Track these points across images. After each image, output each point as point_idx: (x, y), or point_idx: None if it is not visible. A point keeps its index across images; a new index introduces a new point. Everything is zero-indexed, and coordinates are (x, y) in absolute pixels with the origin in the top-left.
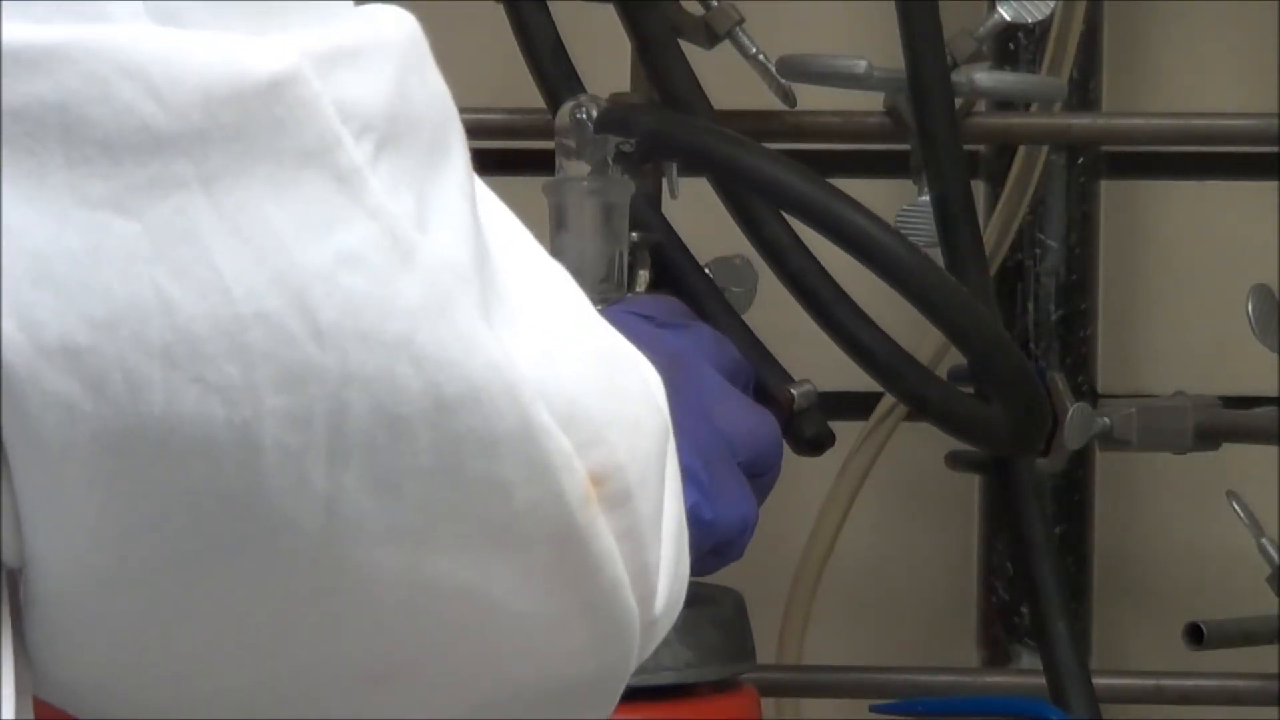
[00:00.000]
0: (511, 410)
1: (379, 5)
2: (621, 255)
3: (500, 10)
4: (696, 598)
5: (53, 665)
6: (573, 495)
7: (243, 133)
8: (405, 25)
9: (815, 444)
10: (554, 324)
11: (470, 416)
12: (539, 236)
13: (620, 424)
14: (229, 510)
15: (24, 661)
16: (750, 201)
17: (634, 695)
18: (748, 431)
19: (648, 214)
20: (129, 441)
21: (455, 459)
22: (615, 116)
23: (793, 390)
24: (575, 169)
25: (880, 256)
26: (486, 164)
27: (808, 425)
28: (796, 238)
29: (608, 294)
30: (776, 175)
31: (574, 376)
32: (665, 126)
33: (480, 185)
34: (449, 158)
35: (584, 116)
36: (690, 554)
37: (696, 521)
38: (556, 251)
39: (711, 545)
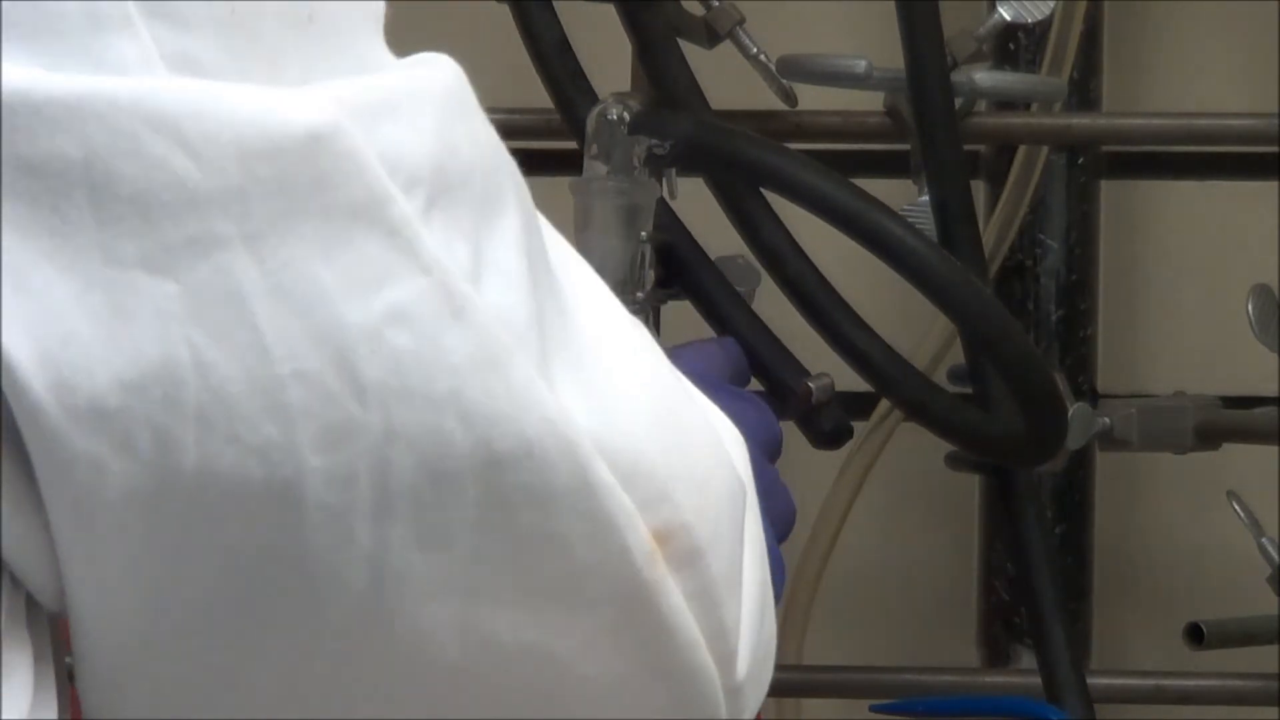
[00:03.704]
0: (567, 465)
1: (418, 55)
2: (642, 256)
3: (502, 10)
4: None
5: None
6: (638, 552)
7: (285, 188)
8: (443, 75)
9: (834, 437)
10: (622, 377)
11: (522, 472)
12: None
13: (687, 480)
14: (270, 568)
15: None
16: (748, 205)
17: None
18: (790, 511)
19: (660, 213)
20: (161, 499)
21: (507, 514)
22: (651, 119)
23: (810, 384)
24: (594, 169)
25: (916, 266)
26: None
27: (826, 419)
28: (794, 242)
29: (626, 294)
30: (814, 182)
31: (639, 432)
32: (701, 131)
33: (552, 232)
34: (503, 209)
35: (616, 117)
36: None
37: None
38: (580, 251)
39: None
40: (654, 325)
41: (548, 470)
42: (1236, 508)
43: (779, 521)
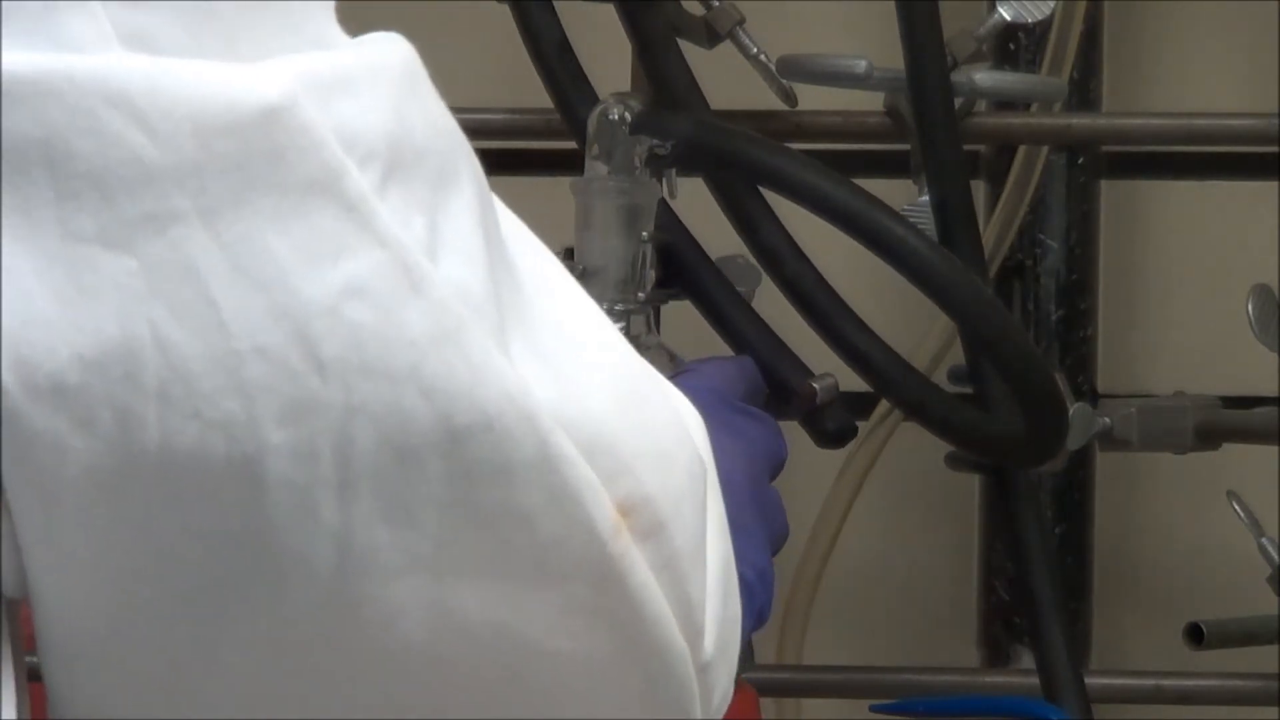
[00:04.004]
0: (528, 438)
1: (372, 34)
2: (643, 256)
3: (501, 10)
4: None
5: (69, 707)
6: (602, 525)
7: (241, 164)
8: (398, 52)
9: (838, 437)
10: (580, 353)
11: (484, 446)
12: (535, 233)
13: (649, 455)
14: (236, 548)
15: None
16: (747, 205)
17: None
18: (785, 531)
19: (660, 213)
20: (123, 478)
21: (470, 489)
22: (651, 119)
23: (814, 384)
24: (595, 169)
25: (916, 266)
26: (487, 164)
27: (830, 419)
28: (793, 242)
29: (627, 294)
30: (815, 182)
31: (599, 407)
32: (702, 131)
33: (503, 208)
34: (459, 185)
35: (617, 117)
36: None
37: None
38: (582, 251)
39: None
40: (654, 325)
41: (509, 444)
42: (1236, 508)
43: (774, 539)
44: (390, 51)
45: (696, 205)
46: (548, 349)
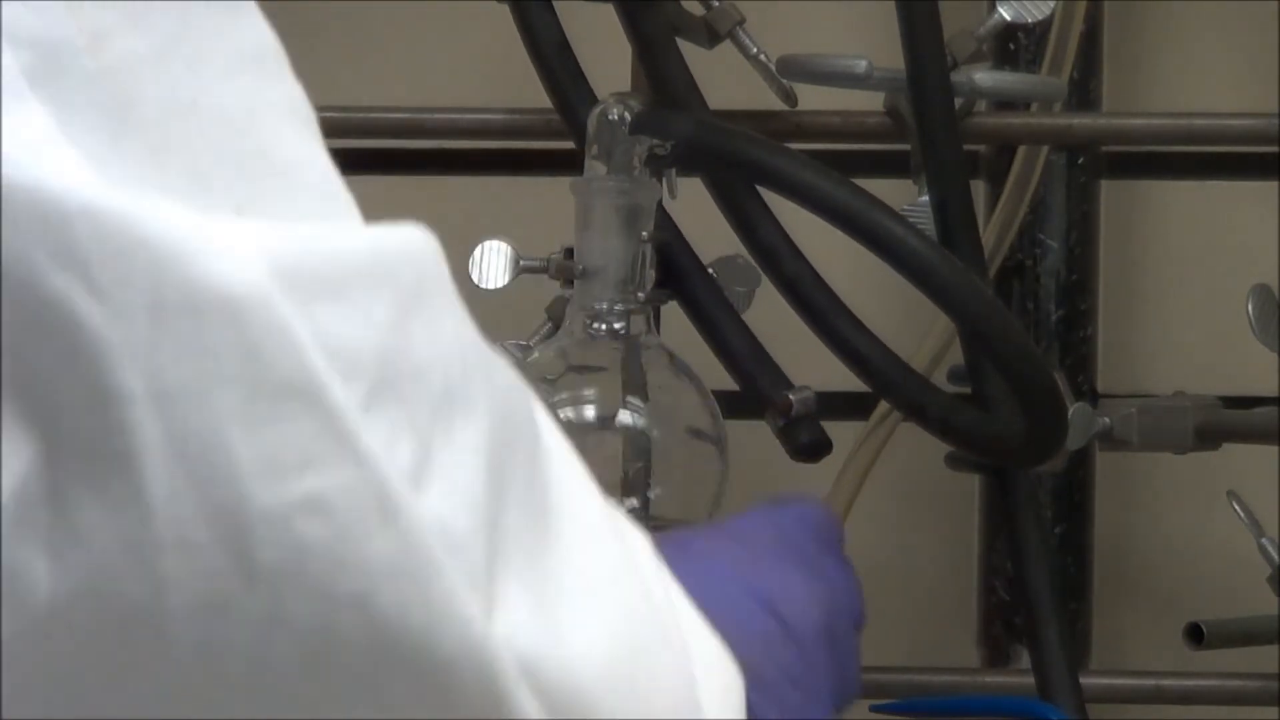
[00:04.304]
0: (479, 692)
1: (396, 227)
2: (644, 256)
3: (501, 10)
4: None
5: None
6: None
7: (206, 351)
8: (415, 255)
9: (812, 451)
10: (588, 605)
11: (420, 691)
12: (536, 234)
13: None
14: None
15: None
16: (745, 206)
17: None
18: (854, 687)
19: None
20: (17, 629)
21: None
22: (651, 119)
23: (791, 396)
24: (594, 169)
25: (916, 266)
26: (486, 164)
27: (804, 432)
28: (791, 242)
29: (627, 294)
30: (815, 182)
31: (587, 669)
32: (702, 131)
33: (561, 446)
34: (468, 412)
35: (617, 117)
36: None
37: None
38: (582, 251)
39: None
40: (654, 325)
41: (455, 694)
42: (1236, 508)
43: (841, 691)
44: (405, 252)
45: (695, 205)
46: (552, 596)
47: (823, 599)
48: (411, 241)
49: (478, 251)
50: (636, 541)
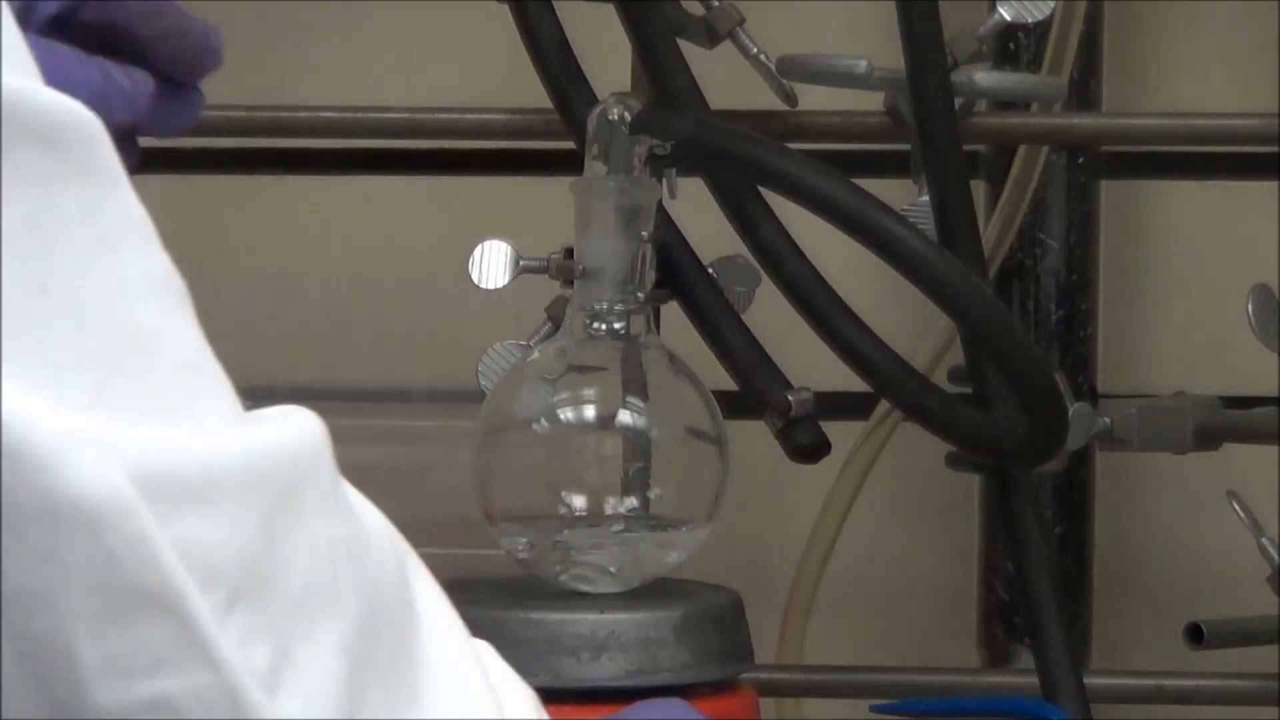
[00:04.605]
0: None
1: (278, 414)
2: (644, 256)
3: (501, 10)
4: (694, 597)
5: None
6: None
7: (60, 558)
8: (291, 452)
9: (810, 452)
10: None
11: None
12: (536, 234)
13: None
14: None
15: None
16: (746, 206)
17: (631, 696)
18: None
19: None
20: None
21: None
22: (651, 119)
23: (790, 398)
24: (594, 169)
25: (916, 266)
26: (486, 164)
27: (803, 434)
28: (792, 242)
29: (627, 294)
30: (815, 182)
31: None
32: (703, 131)
33: (431, 608)
34: (334, 609)
35: (617, 117)
36: None
37: None
38: (582, 251)
39: None
40: (654, 325)
41: None
42: (1236, 508)
43: None
44: (279, 454)
45: (695, 205)
46: None
47: None
48: (286, 441)
49: (478, 251)
50: (518, 705)
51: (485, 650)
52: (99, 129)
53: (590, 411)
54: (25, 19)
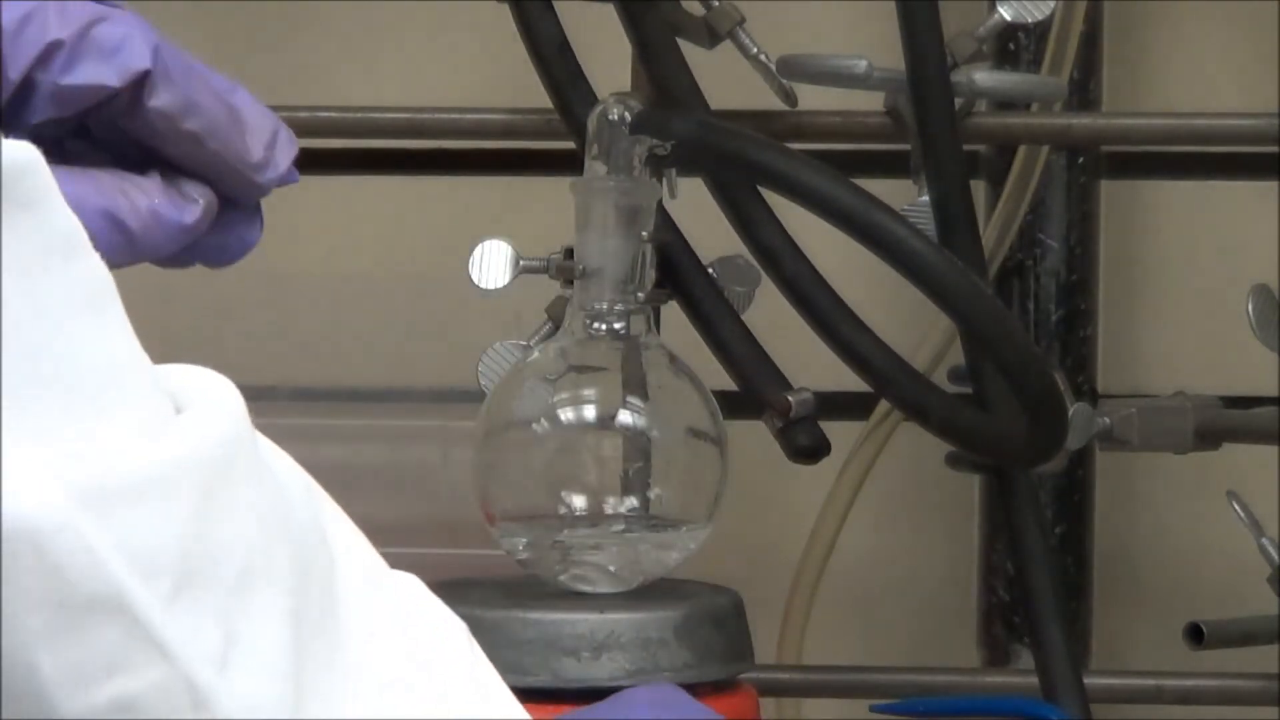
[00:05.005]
0: None
1: (201, 387)
2: (644, 256)
3: (501, 10)
4: (695, 597)
5: None
6: None
7: (13, 580)
8: (215, 433)
9: (810, 453)
10: (390, 702)
11: None
12: (536, 234)
13: None
14: None
15: None
16: (746, 206)
17: None
18: None
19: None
20: None
21: None
22: (652, 119)
23: (790, 398)
24: (594, 169)
25: (916, 266)
26: (486, 164)
27: (803, 434)
28: (792, 242)
29: (627, 294)
30: (815, 182)
31: None
32: (703, 131)
33: (342, 538)
34: (271, 581)
35: (617, 117)
36: None
37: None
38: (582, 251)
39: None
40: (654, 325)
41: None
42: (1236, 508)
43: None
44: (207, 435)
45: (695, 205)
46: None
47: None
48: (211, 424)
49: (478, 251)
50: (441, 628)
51: (410, 583)
52: (33, 157)
53: (590, 411)
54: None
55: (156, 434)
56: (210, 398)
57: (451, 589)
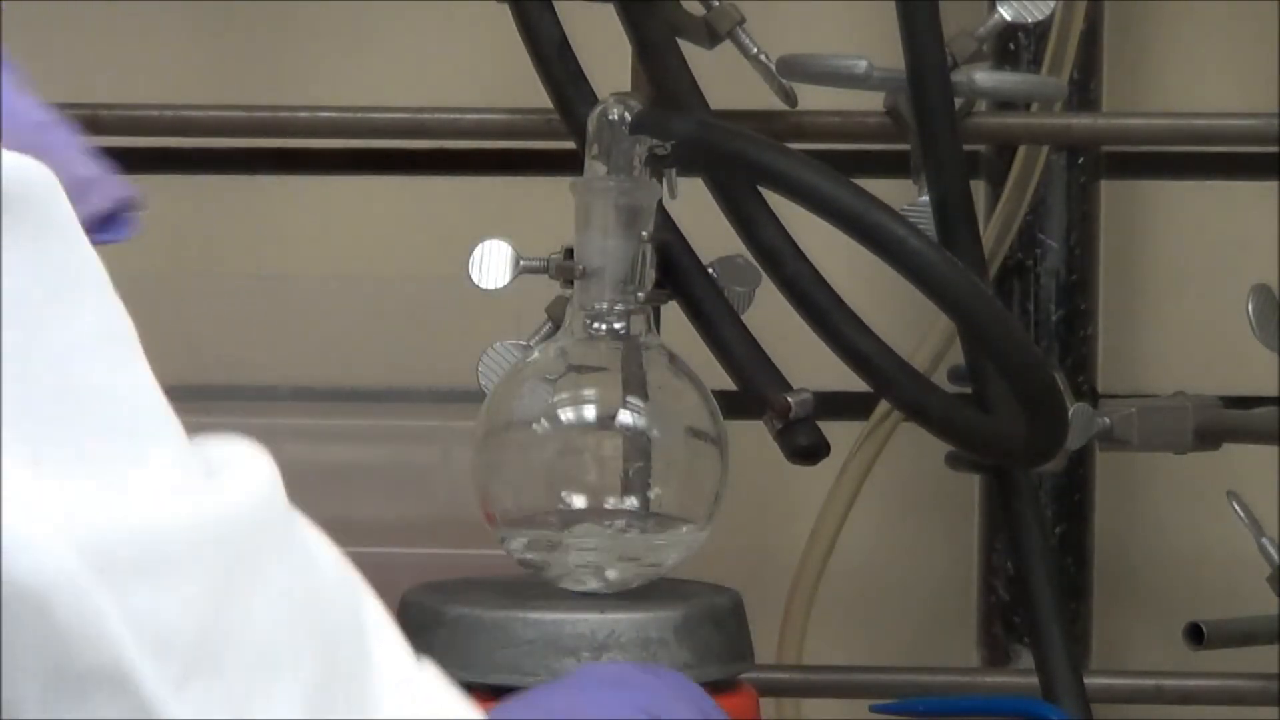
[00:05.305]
0: None
1: (235, 457)
2: (644, 256)
3: (501, 10)
4: (695, 597)
5: None
6: None
7: (11, 643)
8: (239, 516)
9: (809, 453)
10: None
11: None
12: (536, 234)
13: None
14: None
15: None
16: (747, 206)
17: None
18: None
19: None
20: None
21: None
22: (652, 119)
23: (789, 399)
24: (594, 169)
25: (916, 266)
26: (487, 164)
27: (802, 435)
28: (792, 242)
29: (627, 294)
30: (816, 182)
31: None
32: (703, 131)
33: (379, 634)
34: (295, 667)
35: (617, 117)
36: None
37: None
38: (582, 251)
39: None
40: (654, 325)
41: None
42: (1236, 508)
43: None
44: (235, 511)
45: (695, 205)
46: None
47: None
48: (239, 499)
49: (478, 251)
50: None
51: (430, 674)
52: (52, 184)
53: (590, 411)
54: None
55: (184, 491)
56: (242, 467)
57: (451, 589)
